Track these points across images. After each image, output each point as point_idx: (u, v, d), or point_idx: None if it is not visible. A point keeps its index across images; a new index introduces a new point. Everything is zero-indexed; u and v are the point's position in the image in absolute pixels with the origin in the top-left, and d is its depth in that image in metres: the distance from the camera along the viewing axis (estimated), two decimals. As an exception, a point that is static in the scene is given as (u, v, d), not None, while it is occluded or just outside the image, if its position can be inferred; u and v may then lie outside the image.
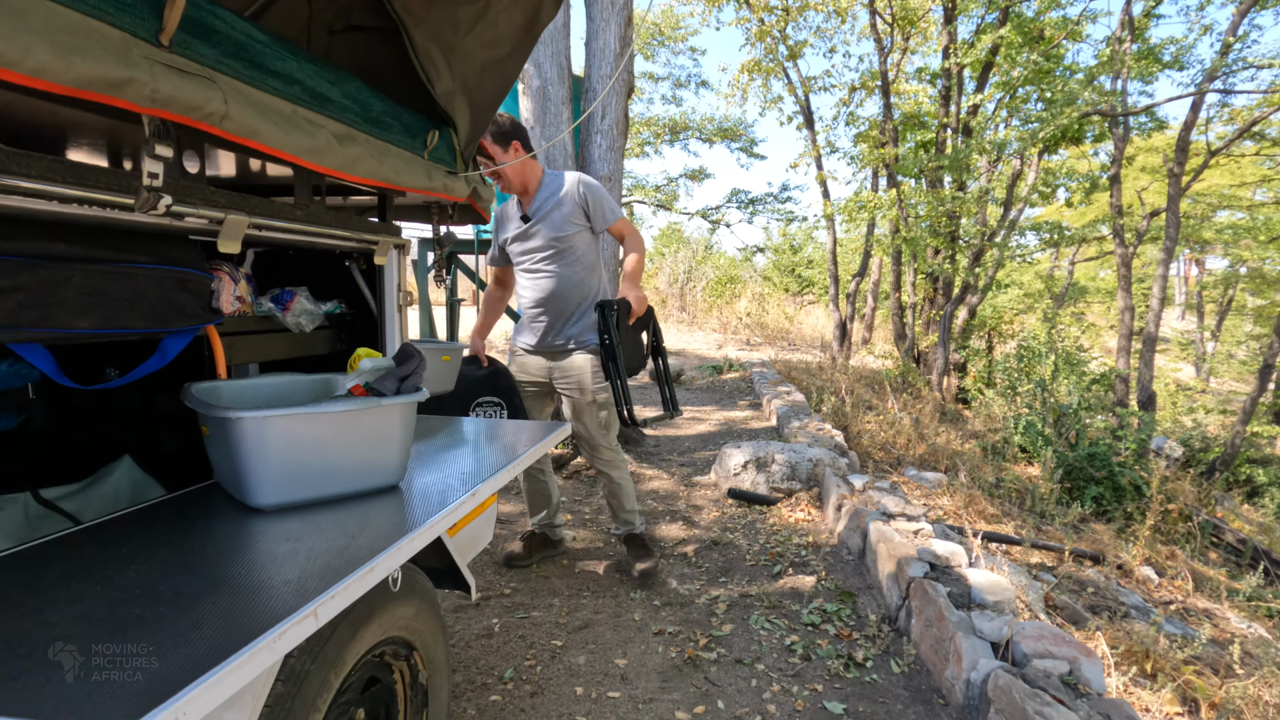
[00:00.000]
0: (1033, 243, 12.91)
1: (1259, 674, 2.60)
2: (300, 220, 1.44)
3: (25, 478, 1.17)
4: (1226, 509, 7.40)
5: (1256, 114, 8.34)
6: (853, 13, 10.95)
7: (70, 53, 0.76)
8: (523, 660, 2.28)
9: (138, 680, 0.59)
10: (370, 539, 0.94)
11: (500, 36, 1.84)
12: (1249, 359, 17.39)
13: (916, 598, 2.38)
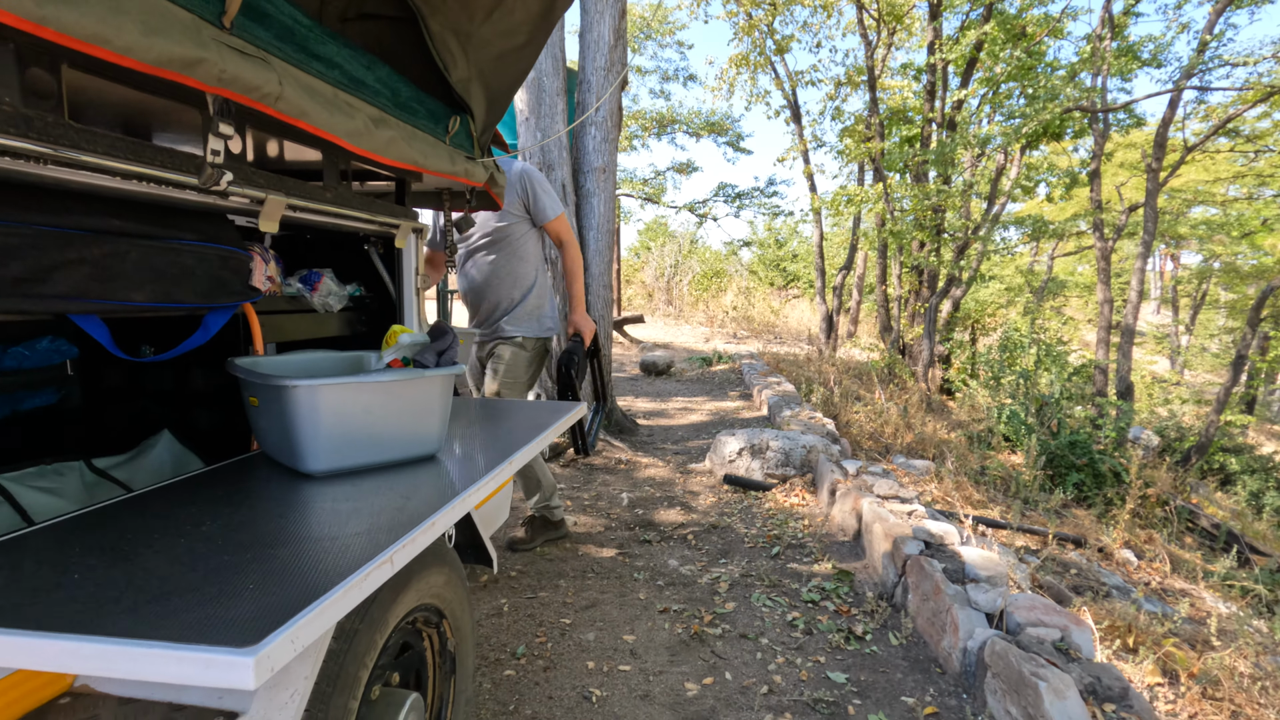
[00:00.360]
0: (1015, 237, 13.13)
1: (1234, 646, 2.72)
2: (330, 203, 1.48)
3: (75, 449, 1.21)
4: (1201, 495, 7.62)
5: (1231, 111, 8.57)
6: (839, 8, 11.05)
7: (153, 33, 0.80)
8: (533, 637, 2.34)
9: (247, 612, 0.64)
10: (423, 499, 0.99)
11: (516, 25, 1.88)
12: (1221, 352, 17.83)
13: (913, 574, 2.47)
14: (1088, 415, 7.12)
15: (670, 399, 6.92)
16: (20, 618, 0.63)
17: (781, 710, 1.95)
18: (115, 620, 0.63)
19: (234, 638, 0.60)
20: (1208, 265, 17.04)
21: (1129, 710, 1.73)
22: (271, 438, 1.14)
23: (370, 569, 0.74)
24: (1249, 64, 7.80)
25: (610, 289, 5.23)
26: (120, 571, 0.74)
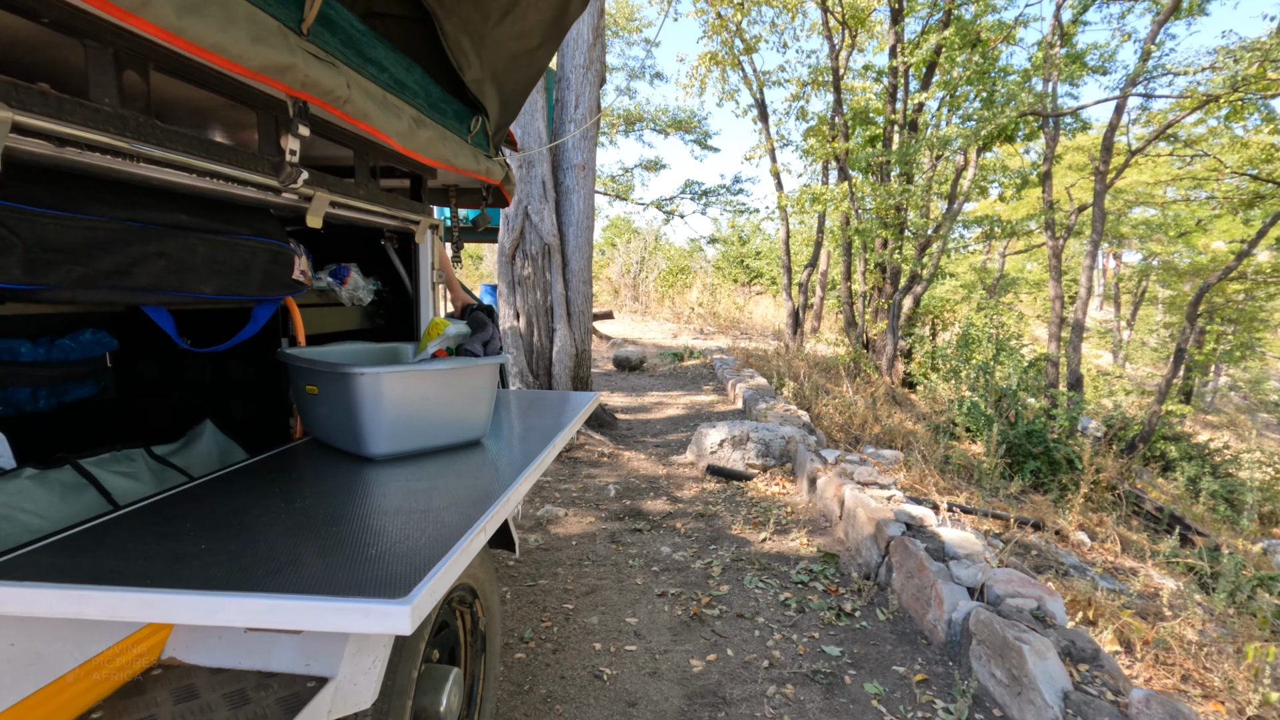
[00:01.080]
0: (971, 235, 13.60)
1: (1182, 617, 2.94)
2: (362, 199, 1.53)
3: (133, 436, 1.24)
4: (1145, 481, 8.07)
5: (1170, 117, 9.05)
6: (803, 9, 11.28)
7: (258, 41, 0.86)
8: (539, 622, 2.41)
9: (379, 573, 0.71)
10: (489, 477, 1.06)
11: (529, 28, 1.94)
12: (1159, 346, 18.79)
13: (897, 553, 2.62)
14: (1042, 406, 7.46)
15: (645, 394, 7.02)
16: (181, 578, 0.69)
17: (784, 682, 2.06)
18: (266, 580, 0.69)
19: (381, 591, 0.67)
20: (1147, 263, 17.91)
21: (1100, 669, 1.90)
22: (330, 424, 1.19)
23: (474, 533, 0.81)
24: (1188, 73, 8.26)
25: (589, 285, 5.30)
26: (243, 542, 0.79)
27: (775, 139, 11.16)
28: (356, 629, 0.64)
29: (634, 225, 21.58)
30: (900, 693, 2.03)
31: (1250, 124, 9.14)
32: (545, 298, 5.09)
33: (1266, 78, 7.29)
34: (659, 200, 15.60)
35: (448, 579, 0.73)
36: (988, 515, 4.23)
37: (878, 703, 1.98)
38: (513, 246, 5.05)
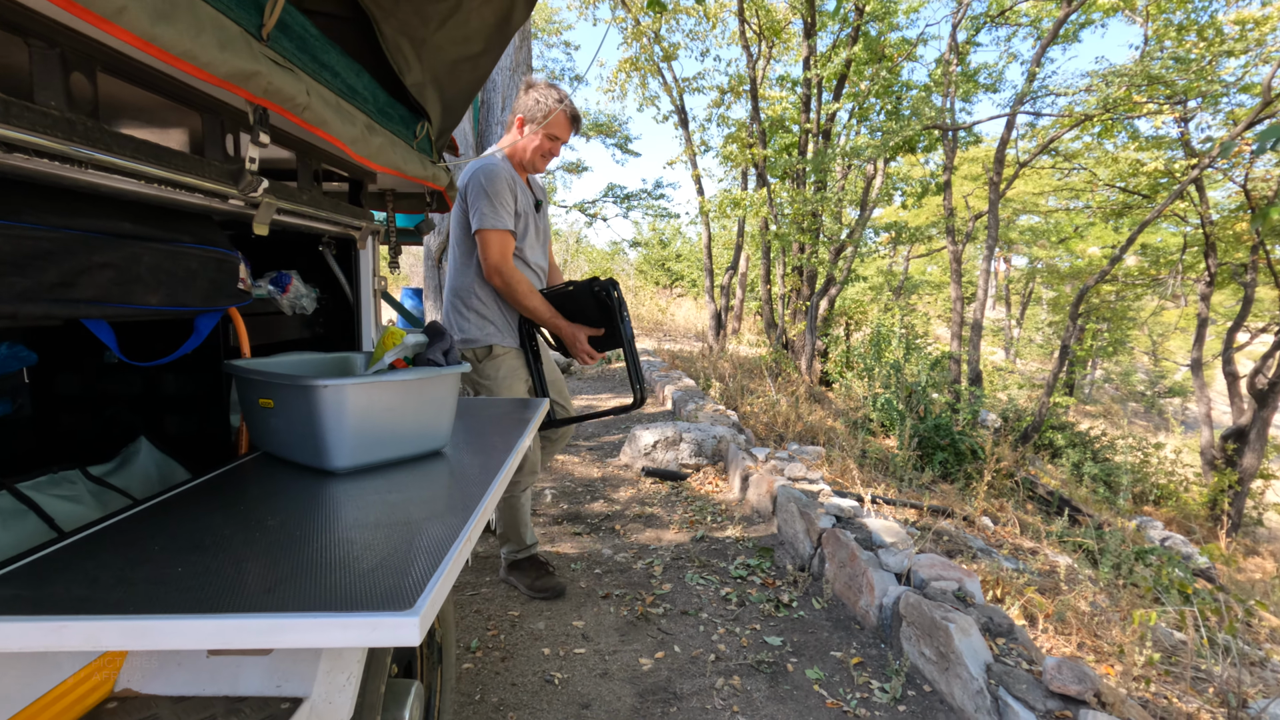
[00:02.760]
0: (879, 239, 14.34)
1: (1075, 590, 3.23)
2: (305, 204, 1.48)
3: (59, 456, 1.15)
4: (1037, 468, 8.77)
5: (1052, 133, 9.89)
6: (722, 19, 11.58)
7: (225, 48, 0.83)
8: (485, 631, 2.39)
9: (376, 585, 0.72)
10: (463, 487, 1.07)
11: (472, 33, 1.93)
12: (1045, 343, 20.41)
13: (829, 544, 2.76)
14: (947, 401, 7.98)
15: (576, 397, 7.01)
16: (167, 603, 0.66)
17: (730, 674, 2.14)
18: (261, 599, 0.68)
19: (384, 605, 0.67)
20: (1033, 267, 19.42)
21: (1015, 642, 2.08)
22: (288, 438, 1.16)
23: (462, 541, 0.82)
24: (1067, 94, 9.06)
25: (519, 289, 5.25)
26: (222, 563, 0.77)
27: (696, 145, 11.40)
28: (365, 643, 0.64)
29: (556, 228, 21.49)
30: (839, 676, 2.14)
31: (1119, 141, 10.10)
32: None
33: (1132, 100, 8.09)
34: (581, 203, 15.60)
35: (445, 588, 0.74)
36: (905, 505, 4.50)
37: (819, 687, 2.08)
38: (439, 250, 4.95)
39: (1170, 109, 8.56)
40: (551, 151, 2.36)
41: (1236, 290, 10.24)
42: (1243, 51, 7.51)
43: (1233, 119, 8.45)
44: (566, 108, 2.28)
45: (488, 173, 2.25)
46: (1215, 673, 2.48)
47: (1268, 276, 8.97)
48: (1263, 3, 7.36)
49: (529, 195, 2.40)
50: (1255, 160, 8.28)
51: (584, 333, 2.36)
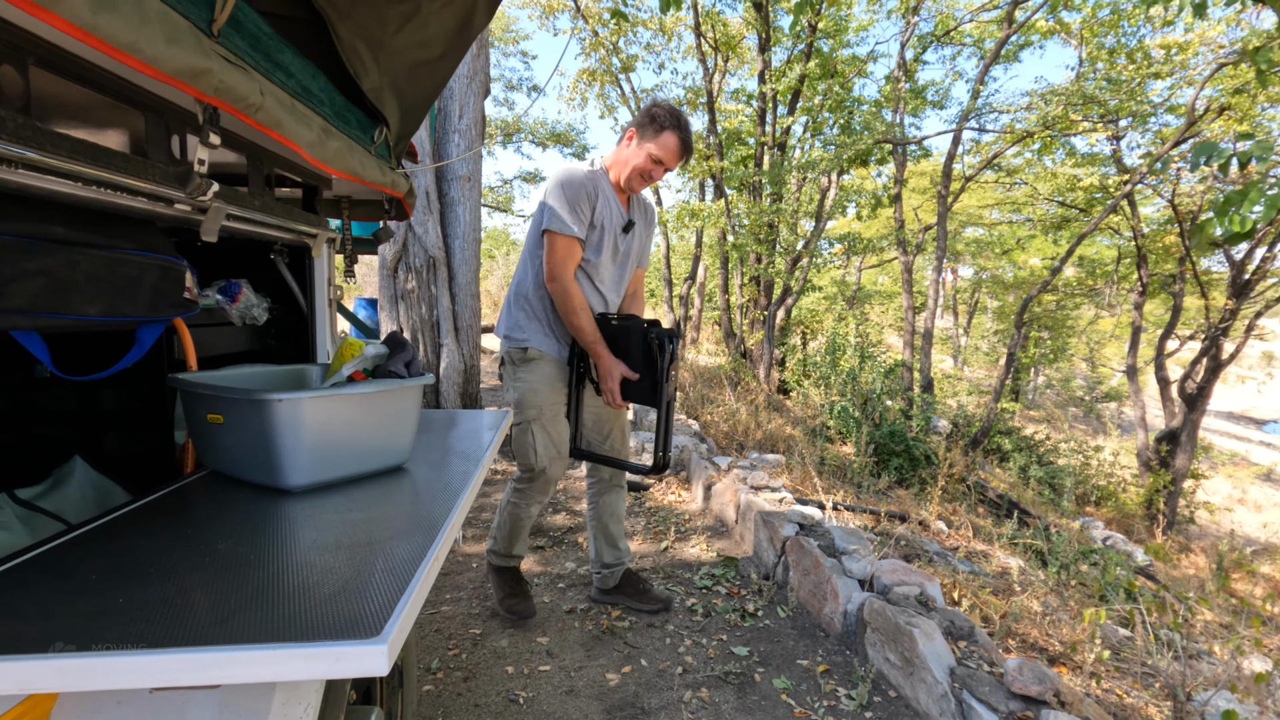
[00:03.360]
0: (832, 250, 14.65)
1: (1028, 591, 3.32)
2: (256, 210, 1.42)
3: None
4: (986, 471, 9.03)
5: (995, 149, 10.28)
6: (678, 32, 11.71)
7: (173, 43, 0.78)
8: (445, 650, 2.31)
9: (339, 612, 0.67)
10: (427, 504, 1.02)
11: (431, 37, 1.88)
12: (990, 350, 21.12)
13: (793, 552, 2.77)
14: (900, 408, 8.16)
15: (535, 408, 6.93)
16: (110, 637, 0.61)
17: (698, 686, 2.12)
18: (213, 630, 0.63)
19: (349, 632, 0.63)
20: (979, 277, 20.10)
21: (976, 644, 2.11)
22: (239, 455, 1.09)
23: (430, 562, 0.78)
24: (1009, 111, 9.43)
25: (477, 298, 5.17)
26: (170, 591, 0.72)
27: (654, 156, 11.45)
28: (329, 675, 0.60)
29: (512, 237, 21.32)
30: (806, 685, 2.14)
31: (1058, 157, 10.55)
32: (431, 312, 4.90)
33: (1069, 118, 8.46)
34: (539, 213, 15.53)
35: (414, 613, 0.70)
36: (864, 511, 4.57)
37: (787, 696, 2.08)
38: (395, 259, 4.84)
39: (1104, 127, 8.99)
40: (652, 175, 2.17)
41: (1166, 300, 10.79)
42: (1168, 74, 7.94)
43: (1160, 138, 8.92)
44: (680, 133, 2.12)
45: (565, 176, 2.14)
46: (1161, 668, 2.56)
47: (1194, 287, 9.48)
48: (1185, 29, 7.80)
49: (615, 212, 2.23)
50: (1181, 177, 8.76)
51: (621, 370, 2.19)
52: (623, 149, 2.20)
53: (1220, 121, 7.54)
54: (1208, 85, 7.37)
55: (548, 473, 2.31)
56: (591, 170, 2.20)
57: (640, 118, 2.17)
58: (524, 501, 2.39)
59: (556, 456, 2.30)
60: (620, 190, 2.26)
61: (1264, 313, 9.00)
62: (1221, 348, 8.73)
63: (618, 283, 2.36)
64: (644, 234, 2.41)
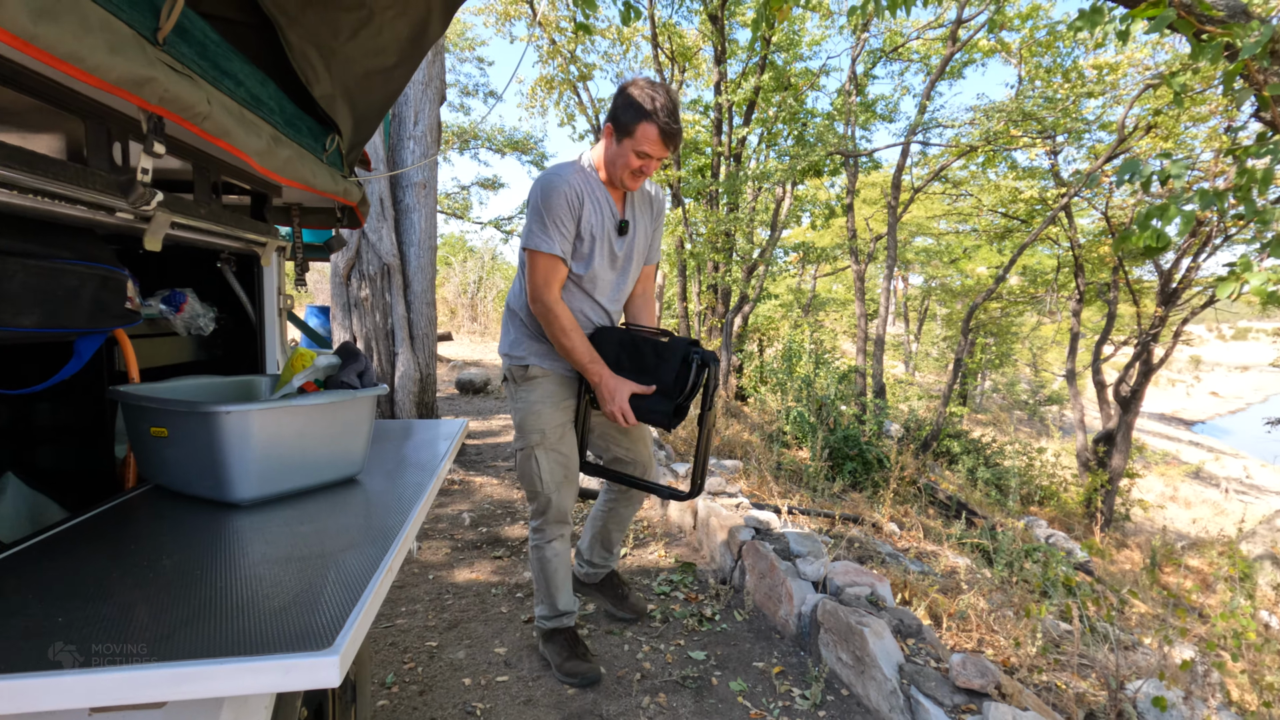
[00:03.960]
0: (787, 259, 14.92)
1: (975, 589, 3.44)
2: (203, 219, 1.40)
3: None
4: (936, 474, 9.30)
5: (941, 162, 10.65)
6: (635, 42, 11.81)
7: (116, 52, 0.77)
8: (401, 664, 2.28)
9: (289, 624, 0.67)
10: (381, 515, 1.02)
11: (385, 45, 1.87)
12: (940, 356, 21.77)
13: (749, 557, 2.81)
14: (854, 413, 8.35)
15: (493, 417, 6.87)
16: (44, 659, 0.60)
17: (656, 691, 2.14)
18: (157, 647, 0.62)
19: (299, 645, 0.63)
20: (928, 285, 20.73)
21: (924, 641, 2.18)
22: (184, 469, 1.07)
23: (383, 572, 0.78)
24: (954, 126, 9.79)
25: (433, 306, 5.11)
26: (112, 609, 0.70)
27: (612, 164, 11.51)
28: (279, 688, 0.60)
29: (469, 244, 21.09)
30: (762, 686, 2.18)
31: (1000, 170, 10.99)
32: (385, 320, 4.83)
33: (1009, 133, 8.83)
34: (497, 220, 15.40)
35: (366, 624, 0.70)
36: (819, 514, 4.66)
37: (743, 698, 2.11)
38: (348, 267, 4.75)
39: (1042, 142, 9.40)
40: (643, 170, 1.96)
41: (1102, 307, 11.30)
42: (1101, 93, 8.37)
43: (1094, 153, 9.38)
44: (656, 120, 1.87)
45: (545, 185, 1.95)
46: (1097, 659, 2.69)
47: (1127, 295, 9.97)
48: (1116, 52, 8.24)
49: (606, 214, 2.04)
50: (1114, 191, 9.21)
51: (627, 389, 1.99)
52: (607, 146, 1.99)
53: (1148, 138, 7.98)
54: (1136, 104, 7.79)
55: (554, 502, 2.14)
56: (577, 172, 2.01)
57: (614, 107, 1.95)
58: (544, 541, 2.20)
59: (564, 481, 2.14)
60: (615, 188, 2.07)
61: (1190, 319, 9.51)
62: (1153, 352, 9.19)
63: (618, 289, 2.17)
64: (649, 227, 2.21)
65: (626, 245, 2.12)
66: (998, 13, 8.47)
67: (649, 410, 1.99)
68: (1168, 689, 2.32)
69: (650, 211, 2.21)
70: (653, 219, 2.22)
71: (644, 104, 1.87)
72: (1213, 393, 33.97)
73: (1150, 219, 1.99)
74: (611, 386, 1.99)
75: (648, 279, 2.29)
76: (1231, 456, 20.65)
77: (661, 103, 1.87)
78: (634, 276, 2.21)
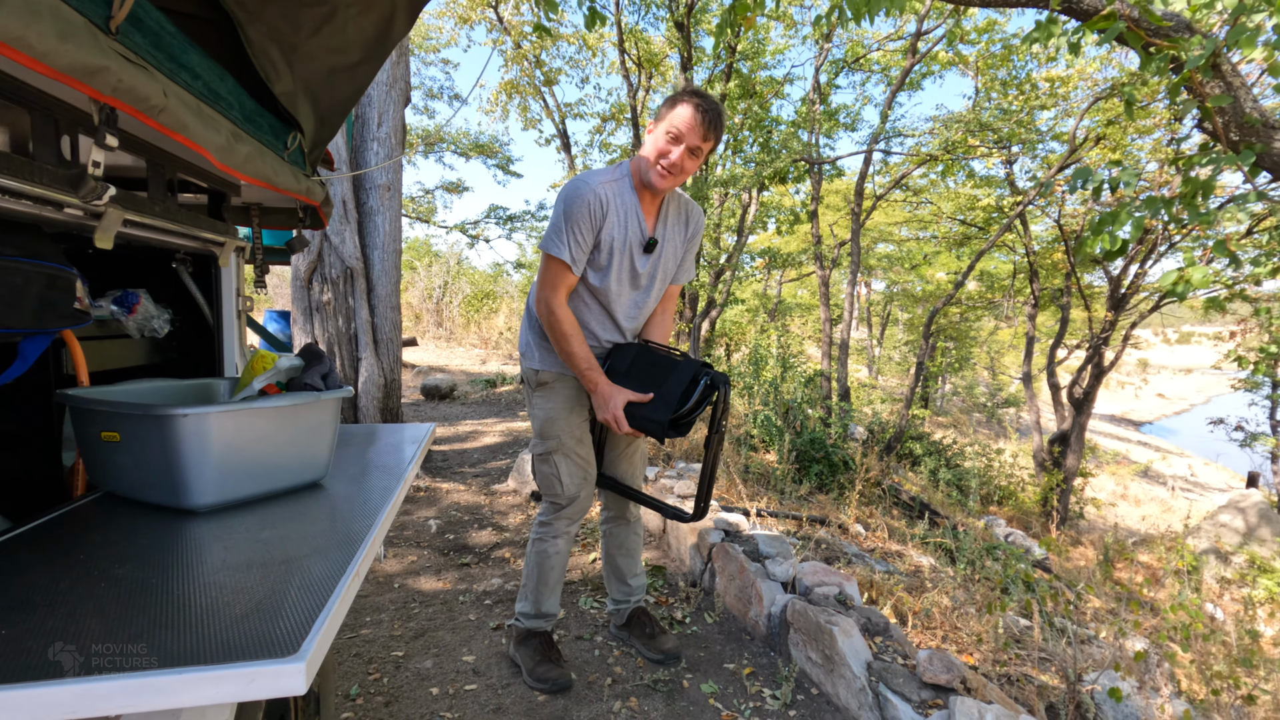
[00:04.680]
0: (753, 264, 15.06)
1: (939, 587, 3.50)
2: (157, 216, 1.35)
3: None
4: (900, 475, 9.47)
5: (902, 170, 10.90)
6: (601, 48, 11.83)
7: (65, 38, 0.74)
8: (366, 675, 2.23)
9: (251, 631, 0.65)
10: (347, 520, 0.99)
11: (349, 43, 1.84)
12: (902, 360, 22.22)
13: (719, 559, 2.82)
14: (820, 416, 8.46)
15: (459, 422, 6.78)
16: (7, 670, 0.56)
17: (627, 696, 2.12)
18: (107, 659, 0.59)
19: (263, 652, 0.61)
20: (890, 290, 21.16)
21: (891, 639, 2.21)
22: (138, 475, 1.03)
23: (350, 577, 0.76)
24: (914, 135, 10.03)
25: (398, 311, 5.03)
26: (61, 620, 0.67)
27: (580, 169, 11.51)
28: (242, 697, 0.58)
29: (434, 248, 20.83)
30: (733, 688, 2.19)
31: (958, 179, 11.28)
32: (349, 325, 4.73)
33: (967, 143, 9.08)
34: (463, 224, 15.23)
35: (333, 630, 0.68)
36: (786, 516, 4.70)
37: (714, 700, 2.11)
38: (309, 270, 4.64)
39: (998, 152, 9.69)
40: (673, 160, 1.82)
41: (1056, 312, 11.68)
42: (1053, 105, 8.66)
43: (1047, 163, 9.70)
44: (696, 100, 1.79)
45: (568, 192, 1.88)
46: (1056, 652, 2.76)
47: (1079, 300, 10.33)
48: (1067, 65, 8.54)
49: (634, 228, 1.94)
50: (1066, 199, 9.54)
51: (623, 397, 1.92)
52: (646, 145, 1.89)
53: (1098, 150, 8.28)
54: (1086, 116, 8.08)
55: (578, 500, 2.14)
56: (609, 182, 1.91)
57: (659, 108, 1.89)
58: (549, 535, 2.18)
59: (584, 481, 2.13)
60: (652, 196, 1.96)
61: (1138, 324, 9.88)
62: (1104, 356, 9.53)
63: (637, 307, 2.08)
64: (681, 246, 2.11)
65: (651, 264, 2.03)
66: (955, 26, 8.72)
67: (644, 419, 1.93)
68: (1123, 680, 2.39)
69: (685, 230, 2.11)
70: (686, 239, 2.12)
71: (681, 92, 1.83)
72: (1159, 394, 35.37)
73: (1104, 225, 2.07)
74: (606, 393, 1.93)
75: (670, 298, 2.21)
76: (1177, 455, 21.50)
77: (706, 94, 1.83)
78: (658, 295, 2.12)
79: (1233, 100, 2.01)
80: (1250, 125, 2.00)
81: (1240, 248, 6.30)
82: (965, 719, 1.67)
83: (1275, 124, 1.99)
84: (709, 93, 1.84)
